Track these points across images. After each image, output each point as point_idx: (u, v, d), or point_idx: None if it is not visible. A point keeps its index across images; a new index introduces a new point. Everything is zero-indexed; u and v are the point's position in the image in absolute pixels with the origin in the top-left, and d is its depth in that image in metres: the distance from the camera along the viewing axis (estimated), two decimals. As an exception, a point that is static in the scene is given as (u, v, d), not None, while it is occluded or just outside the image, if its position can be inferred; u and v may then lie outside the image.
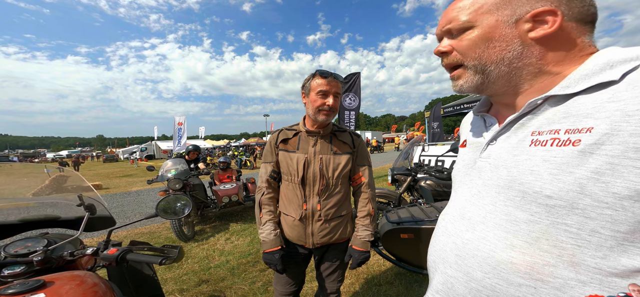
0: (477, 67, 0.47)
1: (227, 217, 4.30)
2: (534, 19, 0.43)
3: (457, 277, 0.50)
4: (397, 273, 2.17)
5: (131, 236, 3.61)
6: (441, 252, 0.55)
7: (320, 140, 1.10)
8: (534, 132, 0.43)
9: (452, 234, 0.53)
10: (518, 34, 0.43)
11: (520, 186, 0.43)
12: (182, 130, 13.66)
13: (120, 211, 5.21)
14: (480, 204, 0.49)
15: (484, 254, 0.46)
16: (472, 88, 0.50)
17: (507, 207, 0.44)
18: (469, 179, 0.54)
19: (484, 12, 0.45)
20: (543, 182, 0.40)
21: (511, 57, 0.44)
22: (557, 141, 0.40)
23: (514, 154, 0.45)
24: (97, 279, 0.78)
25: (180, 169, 3.68)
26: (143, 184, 8.83)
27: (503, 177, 0.46)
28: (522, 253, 0.42)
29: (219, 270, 2.48)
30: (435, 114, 6.86)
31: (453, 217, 0.55)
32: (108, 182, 10.14)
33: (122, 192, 7.60)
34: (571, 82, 0.41)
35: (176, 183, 3.44)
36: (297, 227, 1.11)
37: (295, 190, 1.09)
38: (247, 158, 14.57)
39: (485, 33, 0.45)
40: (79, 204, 1.05)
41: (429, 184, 2.41)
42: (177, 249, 0.94)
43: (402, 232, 1.67)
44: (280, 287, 1.19)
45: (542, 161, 0.40)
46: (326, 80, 1.01)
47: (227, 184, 4.33)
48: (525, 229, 0.42)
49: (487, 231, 0.46)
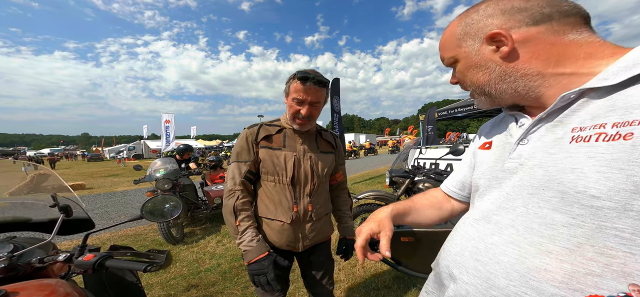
0: (477, 91, 0.51)
1: (219, 218, 4.16)
2: (493, 41, 0.45)
3: (474, 284, 0.46)
4: (395, 277, 2.12)
5: (114, 240, 3.42)
6: (457, 257, 0.51)
7: (308, 139, 1.06)
8: (575, 129, 0.40)
9: (473, 237, 0.49)
10: (489, 57, 0.46)
11: (559, 186, 0.38)
12: (169, 129, 13.32)
13: (103, 213, 4.95)
14: (509, 207, 0.45)
15: (511, 260, 0.42)
16: (485, 106, 0.53)
17: (542, 209, 0.40)
18: (496, 182, 0.50)
19: (455, 47, 0.51)
20: (587, 180, 0.35)
21: (498, 76, 0.47)
22: (604, 136, 0.36)
23: (550, 152, 0.41)
24: (70, 288, 0.68)
25: (169, 168, 3.53)
26: (129, 185, 8.49)
27: (538, 177, 0.42)
28: (559, 260, 0.37)
29: (209, 274, 2.36)
30: (429, 118, 6.94)
31: (475, 221, 0.51)
32: (92, 182, 9.69)
33: (107, 192, 7.26)
34: (609, 74, 0.38)
35: (165, 183, 3.29)
36: (287, 232, 1.01)
37: (284, 191, 0.99)
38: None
39: (466, 63, 0.50)
40: (53, 205, 0.95)
41: (427, 186, 2.39)
42: (165, 254, 0.85)
43: (402, 236, 1.63)
44: (267, 295, 1.06)
45: (586, 157, 0.36)
46: (304, 87, 0.91)
47: (219, 185, 4.20)
48: (564, 233, 0.37)
49: (516, 235, 0.42)
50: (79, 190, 7.77)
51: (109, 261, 0.77)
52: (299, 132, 1.03)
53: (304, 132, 1.04)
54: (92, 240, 3.32)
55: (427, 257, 1.62)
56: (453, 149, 2.39)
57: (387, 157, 17.73)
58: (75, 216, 1.00)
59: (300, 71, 0.93)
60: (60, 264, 0.89)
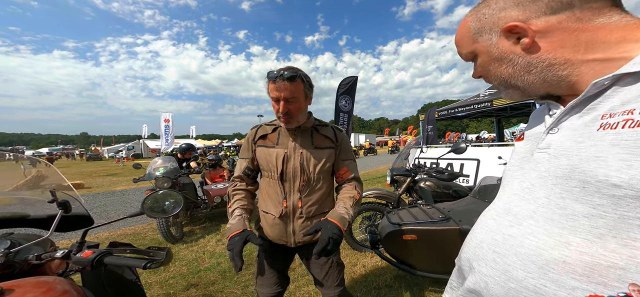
0: (503, 84, 0.49)
1: (218, 217, 4.14)
2: (511, 33, 0.44)
3: (493, 276, 0.44)
4: (396, 276, 2.11)
5: (113, 238, 3.40)
6: (477, 250, 0.50)
7: (301, 135, 1.06)
8: (604, 115, 0.38)
9: (493, 229, 0.48)
10: (510, 49, 0.45)
11: (580, 175, 0.37)
12: (169, 128, 13.26)
13: (102, 211, 4.93)
14: (531, 198, 0.44)
15: (529, 251, 0.40)
16: (516, 98, 0.51)
17: (564, 199, 0.39)
18: (521, 172, 0.49)
19: (471, 42, 0.49)
20: (609, 168, 0.34)
21: (523, 68, 0.45)
22: (630, 122, 0.34)
23: (578, 141, 0.40)
24: (68, 286, 0.67)
25: (169, 167, 3.50)
26: (128, 184, 8.46)
27: (562, 167, 0.40)
28: (579, 252, 0.36)
29: (209, 273, 2.35)
30: (429, 117, 6.94)
31: (496, 213, 0.50)
32: (90, 181, 9.66)
33: (106, 191, 7.23)
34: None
35: (165, 182, 3.27)
36: (278, 226, 1.05)
37: (275, 186, 1.05)
38: (240, 158, 14.24)
39: (487, 57, 0.48)
40: (51, 201, 0.93)
41: (429, 185, 2.38)
42: (165, 252, 0.84)
43: (405, 234, 1.61)
44: (265, 289, 1.11)
45: (610, 145, 0.35)
46: (275, 85, 0.92)
47: (219, 184, 4.18)
48: (585, 224, 0.36)
49: (535, 227, 0.41)
50: (78, 189, 7.71)
51: (107, 257, 0.76)
52: (291, 129, 1.04)
53: (296, 129, 1.05)
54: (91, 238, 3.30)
55: (429, 256, 1.61)
56: (454, 147, 2.38)
57: (386, 157, 17.72)
58: (74, 212, 0.98)
59: (270, 71, 0.94)
60: (59, 261, 0.87)
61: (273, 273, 1.12)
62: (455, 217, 1.61)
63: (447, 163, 4.61)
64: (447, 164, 4.59)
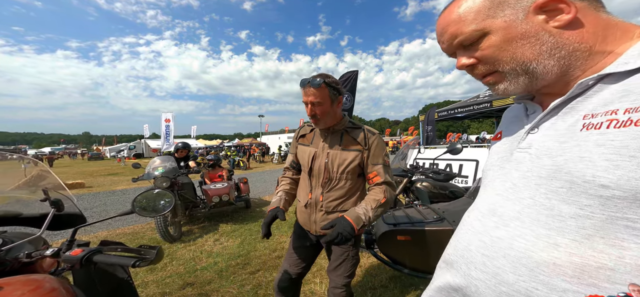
0: (517, 69, 0.43)
1: (217, 217, 4.15)
2: (542, 10, 0.40)
3: (483, 279, 0.43)
4: (391, 276, 2.11)
5: (111, 237, 3.41)
6: (464, 252, 0.49)
7: (331, 136, 1.17)
8: (586, 116, 0.38)
9: (479, 231, 0.47)
10: (539, 27, 0.40)
11: (566, 176, 0.37)
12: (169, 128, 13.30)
13: (102, 211, 4.95)
14: (515, 198, 0.43)
15: (518, 253, 0.40)
16: (519, 89, 0.45)
17: (550, 200, 0.38)
18: (502, 172, 0.48)
19: (484, 17, 0.43)
20: (596, 169, 0.34)
21: (549, 49, 0.40)
22: (615, 122, 0.34)
23: (560, 141, 0.39)
24: (57, 284, 0.68)
25: (168, 167, 3.52)
26: (129, 183, 8.49)
27: (546, 167, 0.40)
28: (568, 254, 0.35)
29: (205, 272, 2.35)
30: (429, 118, 6.92)
31: (481, 214, 0.49)
32: (92, 180, 9.70)
33: (106, 191, 7.27)
34: (630, 57, 0.36)
35: (163, 181, 3.28)
36: (304, 213, 1.21)
37: (306, 179, 1.22)
38: (241, 158, 14.27)
39: (505, 35, 0.42)
40: (44, 199, 0.94)
41: (425, 185, 2.38)
42: (156, 250, 0.84)
43: (399, 234, 1.61)
44: (286, 265, 1.27)
45: (595, 145, 0.35)
46: (304, 91, 1.09)
47: (217, 184, 4.19)
48: (572, 225, 0.36)
49: (523, 228, 0.40)
50: (79, 188, 7.77)
51: (97, 256, 0.76)
52: (324, 130, 1.18)
53: (328, 129, 1.17)
54: (89, 238, 3.32)
55: (423, 256, 1.61)
56: (450, 148, 2.38)
57: (387, 158, 17.66)
58: (67, 210, 0.99)
59: (302, 79, 1.11)
60: (50, 260, 0.88)
61: (297, 254, 1.26)
62: (449, 217, 1.61)
63: (446, 164, 4.60)
64: (446, 165, 4.58)
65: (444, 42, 0.49)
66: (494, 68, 0.45)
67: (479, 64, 0.46)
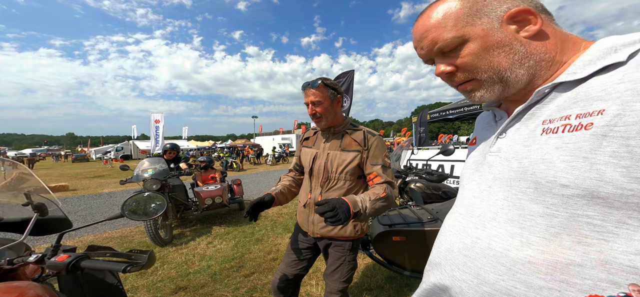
0: (494, 78, 0.45)
1: (210, 220, 4.07)
2: (514, 20, 0.43)
3: (466, 280, 0.45)
4: (387, 277, 2.12)
5: (97, 242, 3.29)
6: (447, 253, 0.51)
7: (332, 138, 1.20)
8: (545, 121, 0.41)
9: (460, 232, 0.49)
10: (512, 36, 0.43)
11: (532, 177, 0.39)
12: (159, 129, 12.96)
13: (87, 214, 4.76)
14: (490, 200, 0.45)
15: (496, 253, 0.41)
16: (493, 97, 0.47)
17: (520, 200, 0.41)
18: (478, 175, 0.51)
19: (463, 25, 0.44)
20: (556, 170, 0.37)
21: (520, 59, 0.43)
22: (569, 127, 0.37)
23: (525, 145, 0.42)
24: (41, 291, 0.64)
25: (158, 168, 3.42)
26: (116, 186, 8.22)
27: (514, 169, 0.43)
28: (541, 251, 0.37)
29: (198, 276, 2.30)
30: (421, 120, 7.04)
31: (460, 215, 0.51)
32: (76, 183, 9.32)
33: (92, 194, 6.99)
34: (577, 68, 0.40)
35: (153, 183, 3.19)
36: (303, 213, 1.23)
37: (307, 180, 1.25)
38: (234, 160, 14.06)
39: (483, 43, 0.44)
40: (26, 204, 0.89)
41: (419, 186, 2.41)
42: (147, 254, 0.82)
43: (394, 235, 1.62)
44: (284, 265, 1.27)
45: (554, 148, 0.38)
46: (305, 92, 1.15)
47: (210, 185, 4.11)
48: (542, 223, 0.38)
49: (499, 228, 0.42)
50: (62, 191, 7.45)
51: (84, 261, 0.73)
52: (325, 132, 1.22)
53: (329, 131, 1.21)
54: (75, 243, 3.18)
55: (419, 257, 1.63)
56: (443, 149, 2.42)
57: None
58: (51, 215, 0.94)
59: (303, 83, 1.18)
60: (34, 266, 0.83)
61: (294, 255, 1.27)
62: (443, 218, 1.63)
63: (438, 165, 4.68)
64: (438, 166, 4.67)
65: (423, 48, 0.49)
66: (472, 76, 0.46)
67: (457, 71, 0.47)
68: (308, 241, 1.25)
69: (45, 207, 0.89)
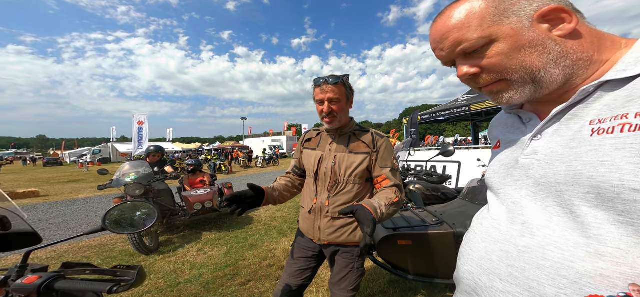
0: (525, 78, 0.43)
1: (199, 225, 3.86)
2: (545, 19, 0.41)
3: (514, 293, 0.41)
4: (390, 281, 2.07)
5: (73, 252, 3.00)
6: (484, 262, 0.46)
7: (338, 139, 1.14)
8: (593, 121, 0.38)
9: (499, 240, 0.45)
10: (545, 35, 0.41)
11: (589, 181, 0.36)
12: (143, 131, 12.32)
13: (61, 222, 4.37)
14: (538, 206, 0.42)
15: (555, 264, 0.37)
16: (524, 98, 0.45)
17: (579, 207, 0.37)
18: (513, 179, 0.47)
19: (490, 25, 0.42)
20: (622, 173, 0.33)
21: (555, 58, 0.41)
22: (630, 126, 0.34)
23: (570, 146, 0.39)
24: None
25: (142, 172, 3.18)
26: (93, 191, 7.67)
27: (562, 172, 0.39)
28: (616, 264, 0.33)
29: (190, 286, 2.13)
30: (412, 121, 7.15)
31: (496, 222, 0.47)
32: (48, 188, 8.61)
33: (66, 200, 6.47)
34: (628, 65, 0.38)
35: (136, 189, 2.96)
36: (308, 220, 1.15)
37: (311, 184, 1.16)
38: (222, 162, 13.63)
39: (513, 43, 0.42)
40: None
41: (418, 188, 2.39)
42: (135, 271, 0.71)
43: (400, 239, 1.57)
44: (287, 276, 1.19)
45: (613, 149, 0.35)
46: (319, 89, 1.06)
47: (199, 190, 3.90)
48: (614, 232, 0.34)
49: (555, 237, 0.38)
50: (32, 198, 6.84)
51: (59, 282, 0.61)
52: (331, 133, 1.16)
53: (336, 132, 1.14)
54: (46, 255, 2.87)
55: (424, 260, 1.58)
56: (443, 150, 2.42)
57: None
58: (16, 229, 0.79)
59: (316, 78, 1.10)
60: (-5, 290, 0.69)
61: (298, 264, 1.18)
62: (448, 220, 1.60)
63: (430, 166, 4.75)
64: (431, 167, 4.73)
65: (444, 50, 0.46)
66: (501, 76, 0.44)
67: (482, 72, 0.45)
68: (313, 249, 1.17)
69: (7, 220, 0.74)
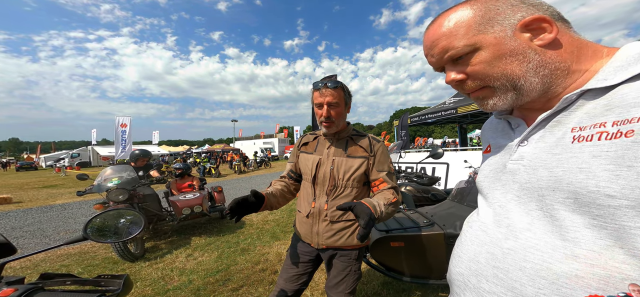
0: (506, 85, 0.45)
1: (188, 230, 3.73)
2: (528, 28, 0.42)
3: (498, 293, 0.43)
4: (383, 282, 2.08)
5: (51, 261, 2.81)
6: (472, 264, 0.48)
7: (336, 143, 1.14)
8: (574, 128, 0.40)
9: (486, 243, 0.47)
10: (525, 44, 0.42)
11: (568, 186, 0.38)
12: (126, 134, 11.84)
13: (37, 230, 4.10)
14: (522, 210, 0.43)
15: (535, 266, 0.39)
16: (506, 105, 0.46)
17: (559, 211, 0.39)
18: (500, 184, 0.49)
19: (475, 33, 0.44)
20: (598, 179, 0.35)
21: (534, 67, 0.43)
22: (606, 134, 0.36)
23: (553, 153, 0.41)
24: None
25: (125, 177, 3.05)
26: (71, 196, 7.25)
27: (545, 178, 0.41)
28: (590, 265, 0.35)
29: (179, 292, 2.06)
30: (403, 123, 7.31)
31: (484, 225, 0.49)
32: (21, 194, 8.07)
33: (41, 206, 6.08)
34: (608, 74, 0.39)
35: (120, 194, 2.82)
36: (305, 224, 1.14)
37: (308, 188, 1.16)
38: (211, 165, 13.30)
39: (496, 51, 0.43)
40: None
41: (409, 189, 2.43)
42: (121, 280, 0.67)
43: (392, 240, 1.59)
44: (283, 281, 1.18)
45: (591, 157, 0.36)
46: (318, 92, 1.06)
47: (188, 194, 3.78)
48: (588, 235, 0.36)
49: (535, 239, 0.40)
50: (4, 204, 6.37)
51: (38, 294, 0.56)
52: (329, 137, 1.16)
53: (333, 136, 1.14)
54: (20, 265, 2.67)
55: (416, 261, 1.60)
56: (433, 153, 2.48)
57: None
58: None
59: (315, 82, 1.10)
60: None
61: (295, 269, 1.17)
62: (439, 221, 1.64)
63: (420, 167, 4.85)
64: (420, 168, 4.84)
65: (434, 56, 0.49)
66: (484, 83, 0.46)
67: (468, 79, 0.47)
68: (310, 253, 1.17)
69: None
